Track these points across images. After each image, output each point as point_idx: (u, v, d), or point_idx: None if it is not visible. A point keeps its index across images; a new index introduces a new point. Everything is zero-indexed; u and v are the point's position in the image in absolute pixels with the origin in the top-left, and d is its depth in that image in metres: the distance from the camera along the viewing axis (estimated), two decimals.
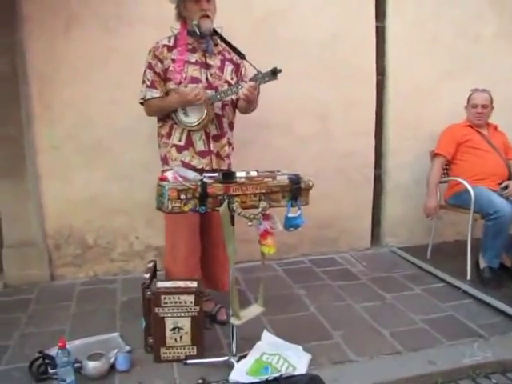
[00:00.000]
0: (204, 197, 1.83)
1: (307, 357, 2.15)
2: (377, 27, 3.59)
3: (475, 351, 2.27)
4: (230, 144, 2.51)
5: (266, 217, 1.93)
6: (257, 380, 1.90)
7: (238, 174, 1.90)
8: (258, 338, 2.26)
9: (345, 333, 2.45)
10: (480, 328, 2.48)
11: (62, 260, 3.17)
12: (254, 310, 2.07)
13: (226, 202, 1.83)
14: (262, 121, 3.37)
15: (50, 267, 3.13)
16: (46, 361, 2.03)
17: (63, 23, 2.91)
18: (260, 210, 1.88)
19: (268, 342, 2.21)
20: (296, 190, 2.00)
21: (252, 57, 3.20)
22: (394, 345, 2.34)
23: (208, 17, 2.32)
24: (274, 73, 2.20)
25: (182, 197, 1.79)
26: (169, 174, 1.86)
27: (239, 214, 1.84)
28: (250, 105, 2.40)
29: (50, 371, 2.00)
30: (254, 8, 3.27)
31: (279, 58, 3.26)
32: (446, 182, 3.41)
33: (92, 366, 1.99)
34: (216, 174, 1.97)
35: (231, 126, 2.54)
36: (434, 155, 3.38)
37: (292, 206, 2.01)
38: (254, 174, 1.95)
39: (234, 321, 1.97)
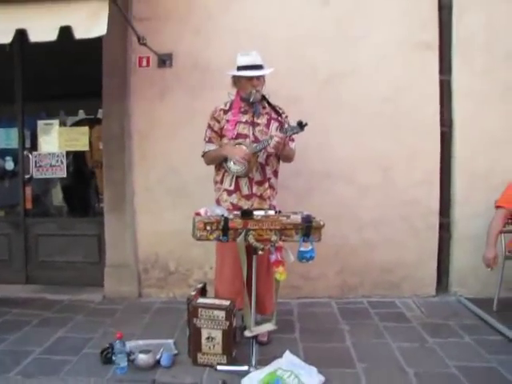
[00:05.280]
0: (226, 229, 2.28)
1: (319, 378, 2.37)
2: (442, 81, 3.74)
3: None
4: (273, 188, 2.96)
5: (279, 249, 2.30)
6: None
7: (257, 213, 2.31)
8: None
9: (368, 366, 2.59)
10: None
11: (148, 281, 3.86)
12: (266, 327, 2.39)
13: (242, 234, 2.24)
14: (325, 170, 3.77)
15: (138, 286, 3.84)
16: (112, 351, 2.60)
17: (159, 92, 3.75)
18: (270, 242, 2.25)
19: (287, 360, 2.47)
20: (307, 228, 2.32)
21: (317, 115, 3.69)
22: (412, 383, 2.41)
23: (257, 91, 2.85)
24: (301, 125, 2.64)
25: (208, 228, 2.28)
26: (202, 210, 2.36)
27: (251, 244, 2.24)
28: (281, 153, 2.87)
29: (113, 358, 2.56)
30: (318, 71, 3.73)
31: (342, 115, 3.74)
32: (510, 231, 3.34)
33: (140, 357, 2.52)
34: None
35: (275, 173, 3.01)
36: (497, 207, 3.35)
37: (304, 241, 2.33)
38: (271, 213, 2.35)
39: (247, 333, 2.32)
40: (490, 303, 3.40)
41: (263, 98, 2.90)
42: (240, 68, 2.86)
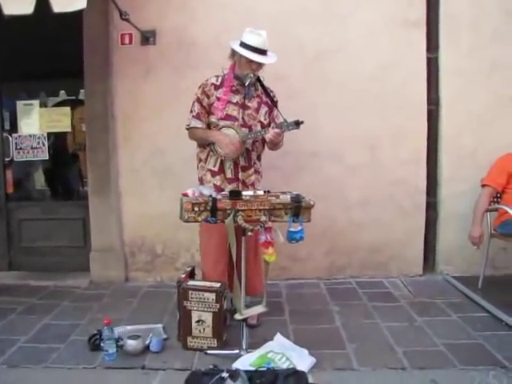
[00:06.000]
0: (214, 210, 2.23)
1: (310, 359, 2.37)
2: (429, 58, 3.70)
3: (488, 379, 2.23)
4: (258, 172, 2.93)
5: (268, 229, 2.26)
6: (253, 369, 2.20)
7: (245, 193, 2.27)
8: None
9: (358, 346, 2.60)
10: (506, 359, 2.39)
11: (135, 265, 3.81)
12: (257, 309, 2.38)
13: (231, 215, 2.20)
14: (313, 150, 3.72)
15: (125, 270, 3.79)
16: (100, 337, 2.56)
17: (143, 71, 3.64)
18: (260, 223, 2.22)
19: (278, 343, 2.48)
20: (297, 208, 2.29)
21: (305, 92, 3.63)
22: (402, 361, 2.43)
23: (254, 75, 2.75)
24: (297, 123, 2.58)
25: (196, 209, 2.22)
26: (189, 191, 2.30)
27: (241, 225, 2.20)
28: (274, 146, 2.82)
29: (101, 344, 2.52)
30: (305, 49, 3.66)
31: (330, 92, 3.68)
32: (495, 210, 3.36)
33: (129, 343, 2.48)
34: None
35: (259, 157, 2.97)
36: (483, 185, 3.36)
37: (293, 221, 2.30)
38: (260, 193, 2.30)
39: (237, 316, 2.31)
40: (475, 281, 3.43)
41: (257, 79, 2.81)
42: (245, 45, 2.70)
